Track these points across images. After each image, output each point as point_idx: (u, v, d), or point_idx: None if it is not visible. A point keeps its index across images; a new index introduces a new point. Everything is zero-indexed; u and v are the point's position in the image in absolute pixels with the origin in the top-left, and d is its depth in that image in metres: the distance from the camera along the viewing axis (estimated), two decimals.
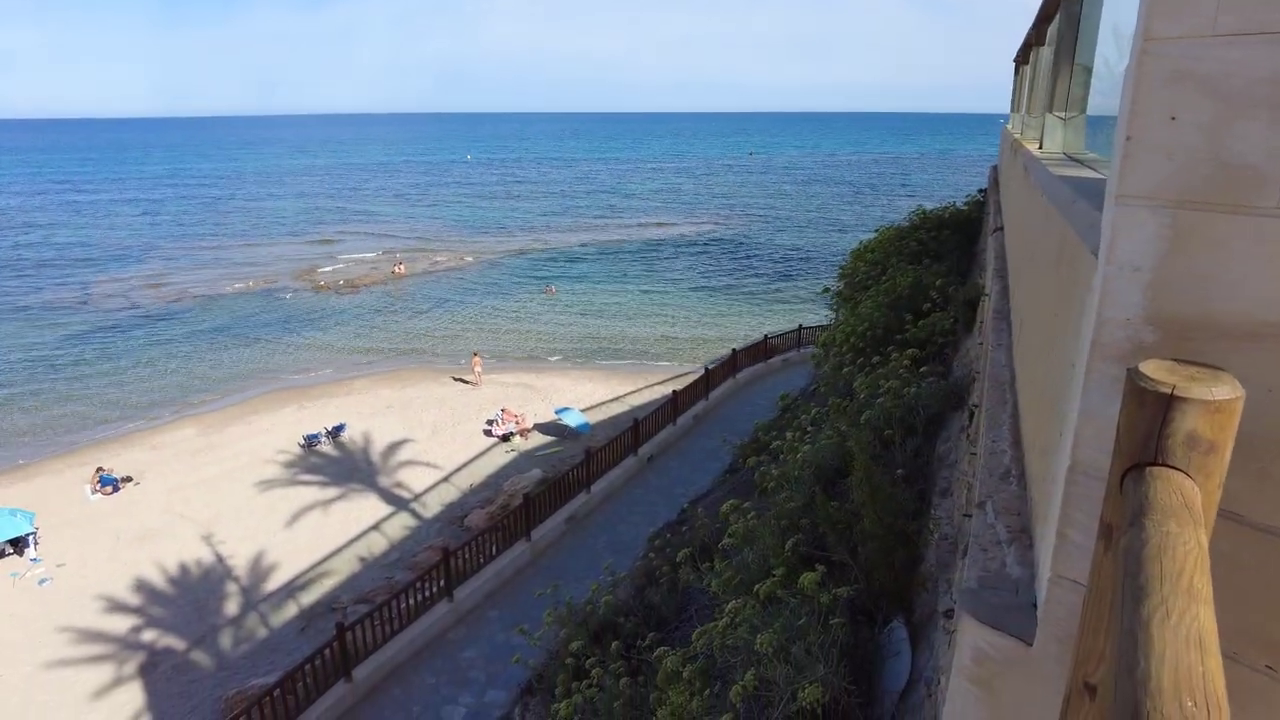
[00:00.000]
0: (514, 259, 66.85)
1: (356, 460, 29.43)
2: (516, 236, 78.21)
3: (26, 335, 46.83)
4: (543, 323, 47.99)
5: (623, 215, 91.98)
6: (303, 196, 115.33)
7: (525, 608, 15.10)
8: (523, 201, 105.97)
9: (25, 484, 28.35)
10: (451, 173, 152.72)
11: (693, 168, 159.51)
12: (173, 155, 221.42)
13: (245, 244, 76.01)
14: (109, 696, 17.98)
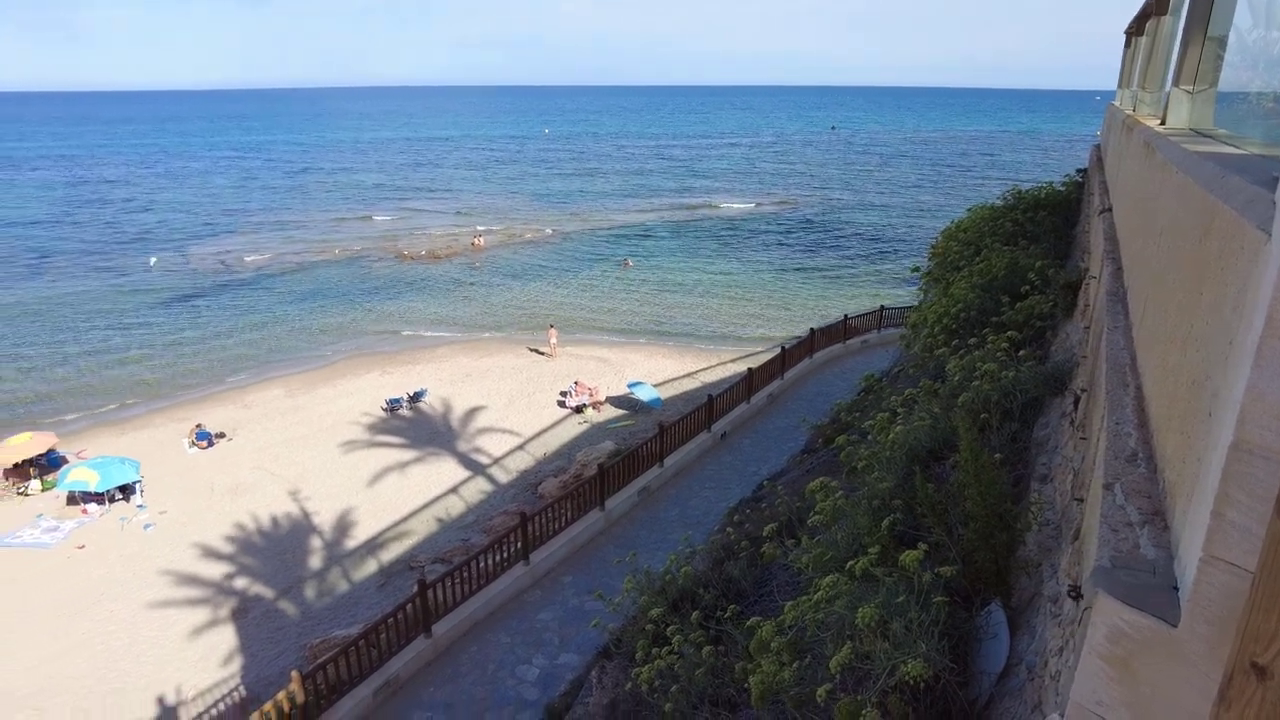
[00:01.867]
0: (590, 233, 67.20)
1: (436, 425, 30.29)
2: (593, 211, 78.50)
3: (129, 298, 49.52)
4: (618, 297, 48.23)
5: (699, 191, 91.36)
6: (383, 169, 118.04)
7: (598, 574, 15.40)
8: (599, 176, 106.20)
9: (132, 436, 30.13)
10: (529, 147, 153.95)
11: (770, 143, 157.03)
12: (258, 127, 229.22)
13: (331, 214, 78.40)
14: (204, 637, 19.12)
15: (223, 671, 17.87)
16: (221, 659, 18.33)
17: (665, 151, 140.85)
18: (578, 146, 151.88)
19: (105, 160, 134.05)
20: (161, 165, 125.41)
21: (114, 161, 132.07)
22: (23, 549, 23.03)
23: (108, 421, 32.29)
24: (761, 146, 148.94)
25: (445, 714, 12.13)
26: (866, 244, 61.43)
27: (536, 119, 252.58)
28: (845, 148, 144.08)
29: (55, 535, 23.69)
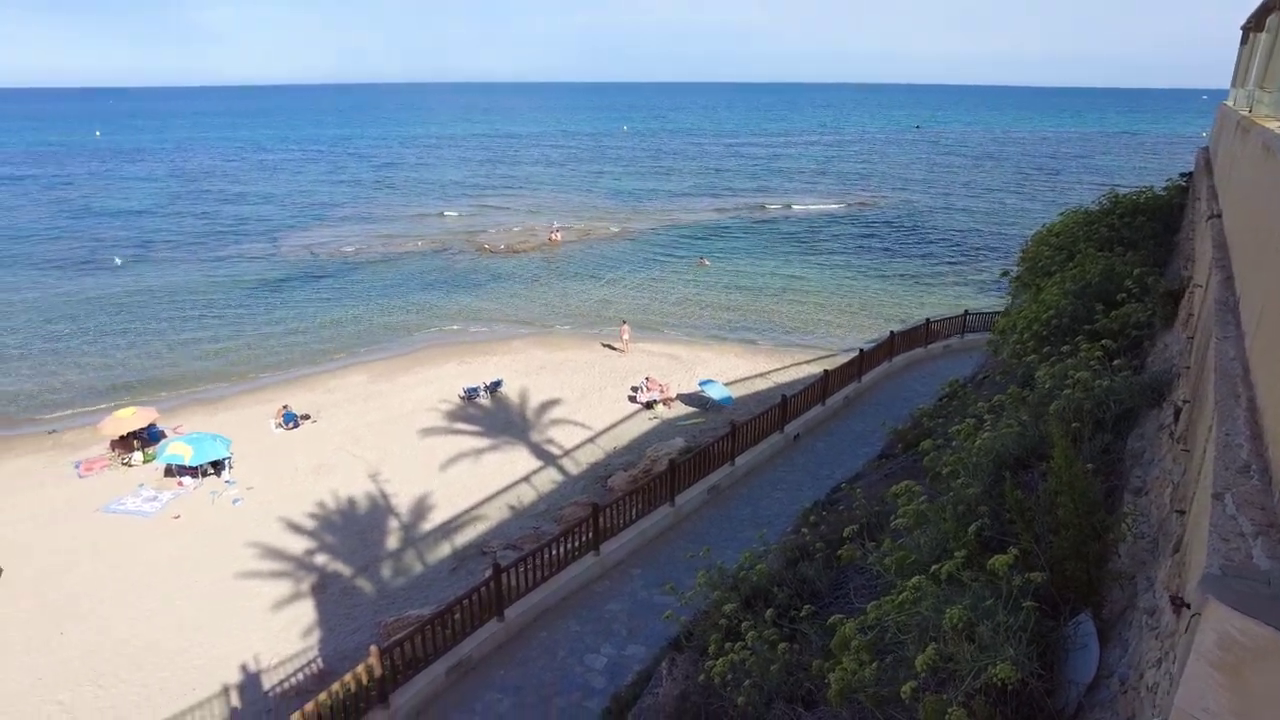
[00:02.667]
0: (666, 230, 67.33)
1: (511, 415, 30.90)
2: (670, 208, 78.60)
3: (224, 285, 51.96)
4: (692, 295, 48.22)
5: (777, 189, 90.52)
6: (464, 164, 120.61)
7: (667, 568, 15.50)
8: (675, 174, 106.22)
9: (224, 415, 31.65)
10: (607, 143, 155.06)
11: (851, 142, 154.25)
12: (346, 120, 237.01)
13: (413, 207, 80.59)
14: (286, 609, 19.98)
15: (302, 643, 18.63)
16: (301, 631, 19.12)
17: (743, 149, 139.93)
18: (655, 144, 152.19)
19: (203, 152, 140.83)
20: (255, 157, 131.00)
21: (211, 153, 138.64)
22: (125, 516, 24.49)
23: (202, 400, 34.00)
24: (842, 145, 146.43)
25: (514, 696, 12.42)
26: (949, 247, 59.79)
27: (615, 116, 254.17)
28: (930, 148, 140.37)
29: (154, 505, 25.10)
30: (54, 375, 37.00)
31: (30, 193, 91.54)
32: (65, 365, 38.11)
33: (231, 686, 17.14)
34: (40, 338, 41.79)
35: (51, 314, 45.63)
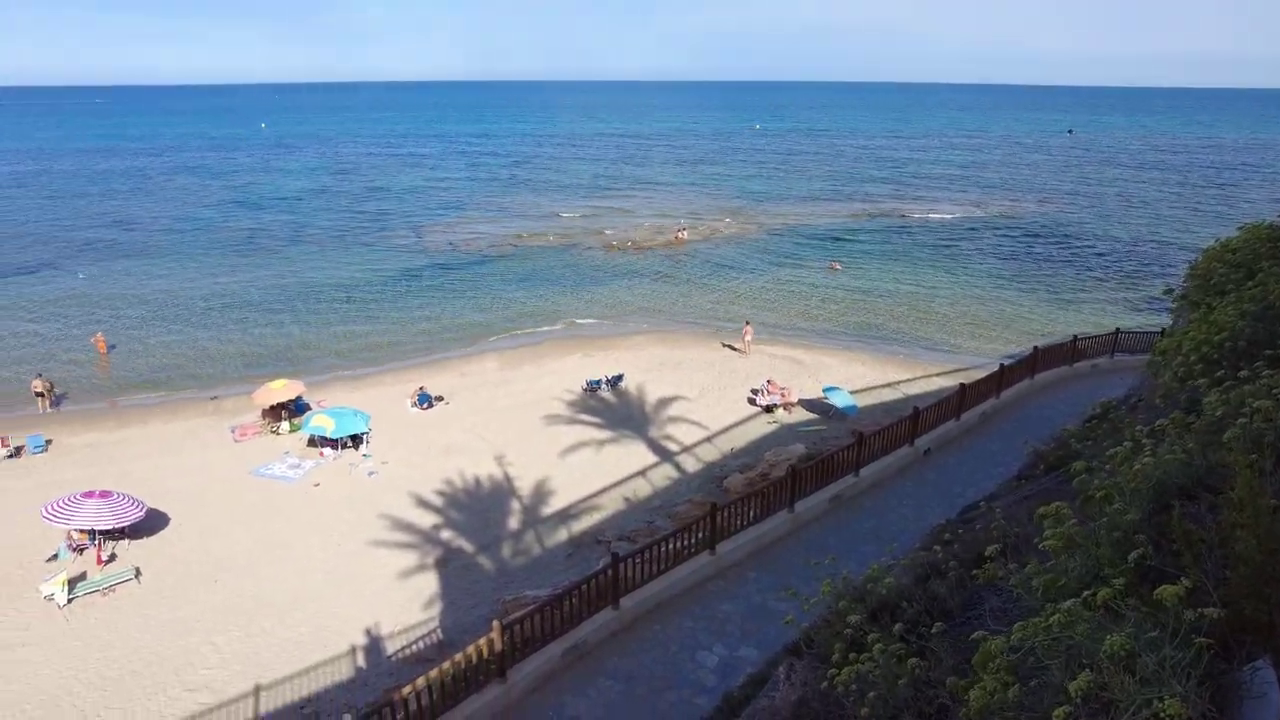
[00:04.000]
0: (796, 232, 66.31)
1: (630, 409, 31.31)
2: (800, 209, 77.36)
3: (369, 271, 55.10)
4: (820, 298, 47.31)
5: (915, 192, 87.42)
6: (597, 161, 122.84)
7: (783, 573, 15.32)
8: (808, 174, 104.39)
9: (364, 392, 33.57)
10: (738, 142, 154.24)
11: (995, 145, 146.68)
12: (485, 117, 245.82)
13: (546, 203, 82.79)
14: (412, 579, 21.02)
15: (424, 614, 19.55)
16: (424, 602, 20.07)
17: (879, 151, 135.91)
18: (787, 143, 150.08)
19: (352, 146, 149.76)
20: (399, 151, 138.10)
21: (360, 147, 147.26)
22: (272, 480, 26.44)
23: (345, 377, 36.21)
24: (986, 149, 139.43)
25: (626, 684, 12.60)
26: (1101, 261, 55.84)
27: (748, 115, 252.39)
28: (1083, 154, 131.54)
29: (297, 472, 26.97)
30: (217, 347, 40.40)
31: (204, 181, 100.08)
32: (226, 338, 41.51)
33: (358, 648, 18.22)
34: (206, 312, 45.72)
35: (216, 291, 49.80)
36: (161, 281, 51.95)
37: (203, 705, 16.28)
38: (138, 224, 70.75)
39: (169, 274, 53.84)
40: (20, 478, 26.52)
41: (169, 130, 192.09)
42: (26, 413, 32.29)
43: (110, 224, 70.86)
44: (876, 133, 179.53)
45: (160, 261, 57.28)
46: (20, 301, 47.43)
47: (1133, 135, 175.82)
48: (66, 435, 29.78)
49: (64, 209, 78.53)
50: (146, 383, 36.02)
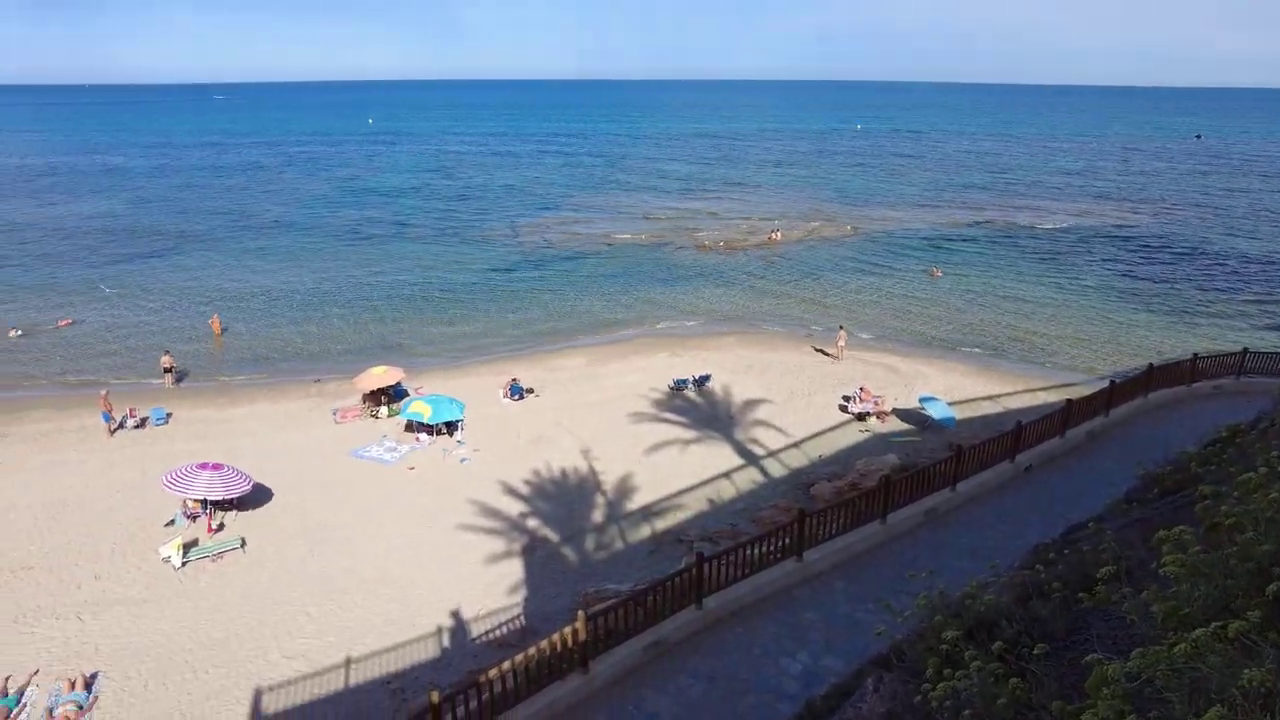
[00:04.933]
0: (895, 235, 64.57)
1: (716, 410, 31.14)
2: (900, 212, 75.29)
3: (466, 265, 56.61)
4: (919, 305, 45.92)
5: (1023, 198, 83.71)
6: (691, 160, 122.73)
7: (872, 585, 14.91)
8: (910, 176, 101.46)
9: (458, 381, 34.47)
10: (836, 142, 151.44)
11: (1112, 150, 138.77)
12: (584, 116, 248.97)
13: (640, 200, 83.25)
14: (497, 565, 21.46)
15: (507, 600, 19.94)
16: (508, 588, 20.46)
17: (987, 153, 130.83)
18: (890, 144, 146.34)
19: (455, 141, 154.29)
20: (499, 148, 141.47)
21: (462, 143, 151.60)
22: (369, 462, 27.46)
23: (441, 367, 37.29)
24: (1102, 154, 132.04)
25: (706, 684, 12.52)
26: (1228, 278, 52.01)
27: (850, 115, 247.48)
28: (1211, 160, 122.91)
29: (394, 455, 27.92)
30: (322, 332, 42.29)
31: (313, 174, 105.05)
32: (331, 324, 43.40)
33: (444, 628, 18.72)
34: (313, 299, 47.92)
35: (323, 279, 52.13)
36: (273, 268, 54.80)
37: (298, 672, 17.05)
38: (252, 214, 74.86)
39: (280, 261, 56.75)
40: (145, 446, 28.45)
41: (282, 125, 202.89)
42: (151, 387, 34.56)
43: (228, 213, 75.22)
44: (984, 135, 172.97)
45: (272, 249, 60.46)
46: (148, 284, 50.86)
47: (1271, 142, 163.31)
48: (184, 410, 31.73)
49: (190, 198, 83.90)
50: (256, 363, 38.05)
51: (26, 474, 26.36)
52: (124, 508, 24.03)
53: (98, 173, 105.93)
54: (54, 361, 37.87)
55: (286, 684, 16.71)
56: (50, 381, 35.66)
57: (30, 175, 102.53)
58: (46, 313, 44.71)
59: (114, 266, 55.00)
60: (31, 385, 35.21)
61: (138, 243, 62.54)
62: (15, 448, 28.27)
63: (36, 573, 20.74)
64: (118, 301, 47.03)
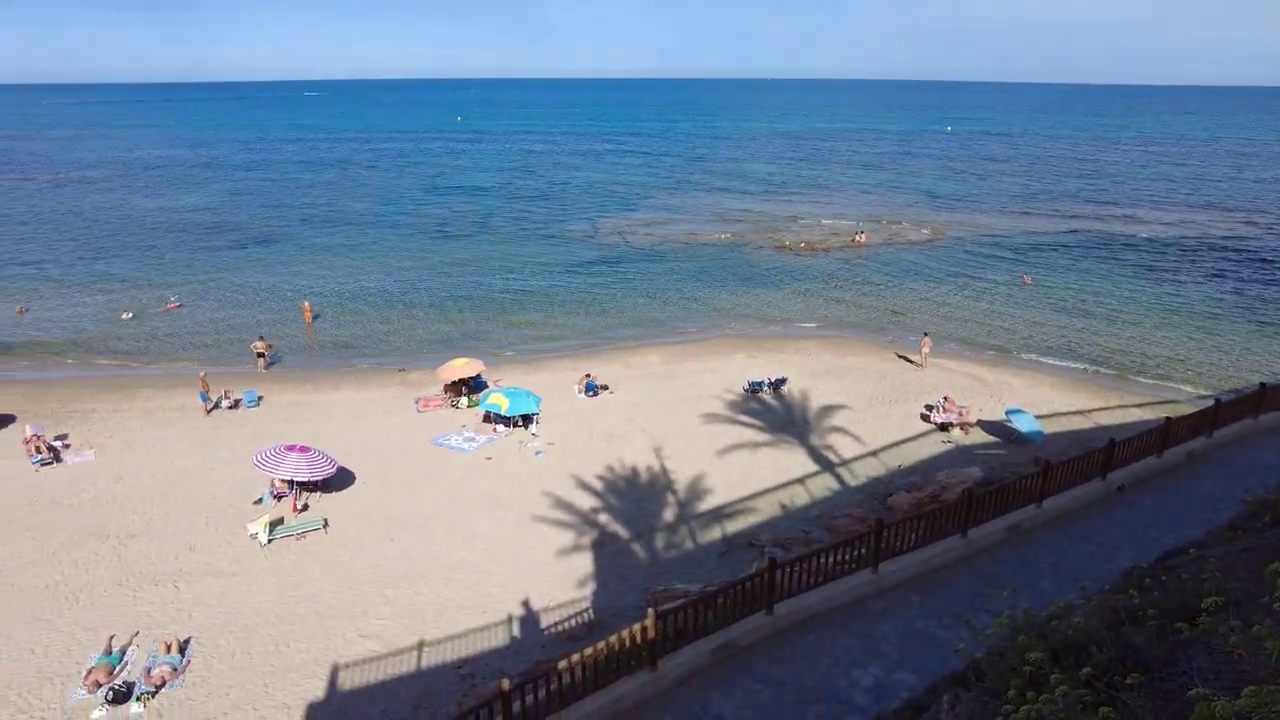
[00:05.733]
0: (984, 240, 62.45)
1: (791, 414, 30.72)
2: (990, 216, 72.78)
3: (547, 259, 57.40)
4: (1008, 313, 44.28)
5: (1122, 204, 79.69)
6: (775, 159, 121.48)
7: (950, 601, 14.46)
8: (1001, 179, 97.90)
9: (535, 375, 34.97)
10: (925, 144, 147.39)
11: (1223, 155, 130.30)
12: (666, 115, 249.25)
13: (720, 200, 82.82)
14: (568, 558, 21.67)
15: (576, 593, 20.11)
16: (577, 581, 20.63)
17: (1085, 157, 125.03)
18: (980, 147, 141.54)
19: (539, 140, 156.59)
20: (582, 146, 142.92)
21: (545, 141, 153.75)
22: (448, 450, 28.13)
23: (519, 360, 37.94)
24: (1212, 159, 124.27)
25: (774, 690, 12.35)
26: None
27: (939, 116, 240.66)
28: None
29: (472, 445, 28.51)
30: (407, 323, 43.59)
31: (403, 169, 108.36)
32: (416, 315, 44.68)
33: (513, 617, 19.02)
34: (399, 290, 49.42)
35: (409, 272, 53.69)
36: (362, 260, 56.76)
37: (372, 652, 17.59)
38: (344, 208, 77.80)
39: (368, 253, 58.75)
40: (238, 426, 29.84)
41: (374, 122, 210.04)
42: (245, 370, 36.23)
43: (321, 206, 78.40)
44: (1081, 137, 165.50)
45: (361, 242, 62.68)
46: (245, 272, 53.45)
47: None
48: (275, 393, 33.14)
49: (285, 192, 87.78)
50: (344, 351, 39.46)
51: (134, 448, 28.03)
52: (217, 484, 25.28)
53: (200, 166, 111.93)
54: (160, 343, 40.21)
55: (361, 662, 17.25)
56: (156, 362, 37.80)
57: (140, 168, 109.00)
58: (154, 295, 47.48)
59: (215, 255, 58.02)
60: (140, 365, 37.43)
61: (236, 233, 65.78)
62: (125, 423, 30.08)
63: (140, 541, 22.03)
64: (217, 288, 49.53)
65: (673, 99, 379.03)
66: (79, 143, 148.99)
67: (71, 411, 31.06)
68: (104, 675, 16.36)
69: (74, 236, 64.17)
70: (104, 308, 45.42)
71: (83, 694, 16.03)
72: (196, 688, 16.39)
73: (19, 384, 34.42)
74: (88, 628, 18.25)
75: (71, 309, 45.40)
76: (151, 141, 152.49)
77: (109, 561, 21.04)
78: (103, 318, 43.81)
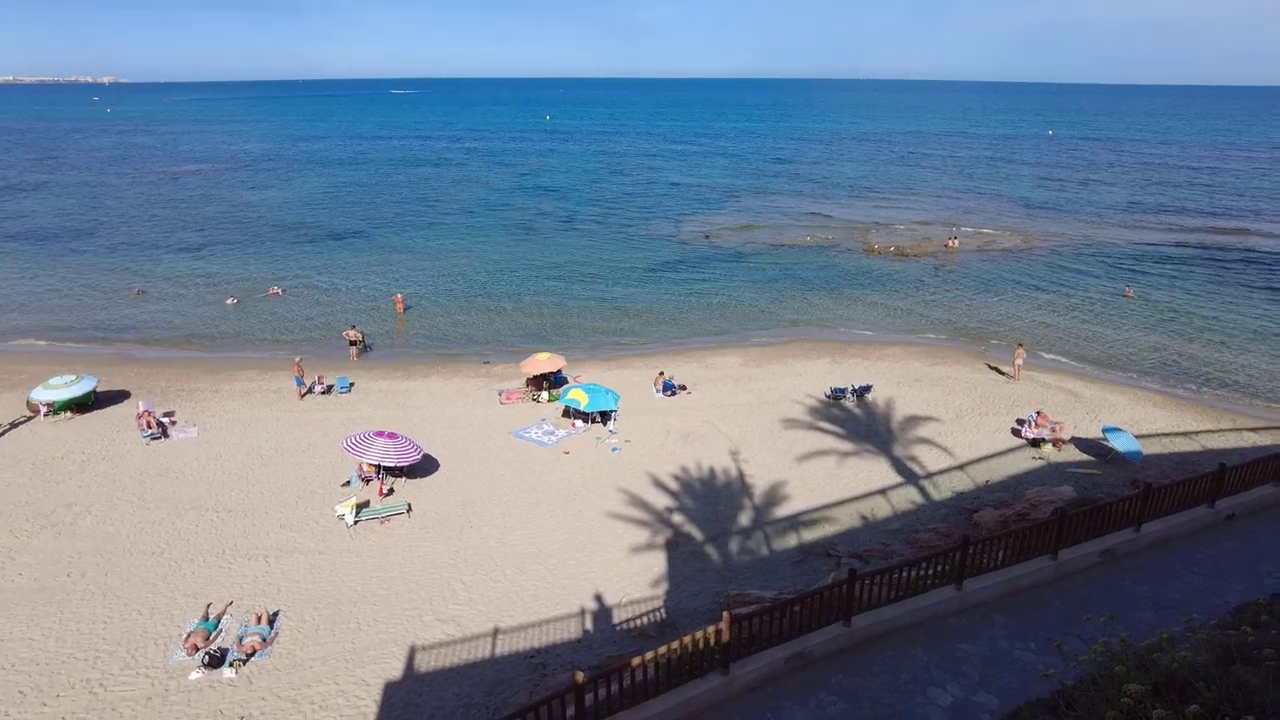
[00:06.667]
0: (1085, 250, 59.63)
1: (875, 423, 30.00)
2: (1092, 225, 69.43)
3: (629, 257, 57.69)
4: (1108, 327, 42.16)
5: (1239, 215, 74.74)
6: (865, 161, 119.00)
7: (1037, 623, 13.85)
8: (1103, 186, 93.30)
9: (614, 373, 35.19)
10: (1025, 148, 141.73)
11: None
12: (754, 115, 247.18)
13: (808, 202, 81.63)
14: (641, 555, 21.69)
15: (649, 591, 20.09)
16: (650, 580, 20.62)
17: (1198, 164, 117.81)
18: (1082, 152, 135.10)
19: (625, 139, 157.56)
20: (669, 147, 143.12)
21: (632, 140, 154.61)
22: (528, 443, 28.56)
23: (599, 357, 38.27)
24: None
25: (848, 703, 12.07)
26: None
27: (1042, 119, 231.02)
28: None
29: (551, 438, 28.89)
30: (492, 316, 44.51)
31: (493, 167, 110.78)
32: (501, 310, 45.60)
33: (586, 611, 19.14)
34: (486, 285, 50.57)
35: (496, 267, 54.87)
36: (452, 254, 58.32)
37: (449, 636, 18.00)
38: (436, 203, 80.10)
39: (458, 248, 60.32)
40: (329, 411, 31.04)
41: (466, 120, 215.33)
42: (338, 357, 37.68)
43: (414, 201, 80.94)
44: (1194, 143, 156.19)
45: (452, 237, 64.44)
46: (341, 262, 55.60)
47: None
48: (366, 380, 34.34)
49: (381, 186, 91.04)
50: (432, 342, 40.59)
51: (232, 428, 29.49)
52: (308, 465, 26.35)
53: (301, 161, 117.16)
54: (260, 328, 42.22)
55: (437, 645, 17.67)
56: (256, 346, 39.70)
57: (245, 162, 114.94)
58: (257, 282, 49.91)
59: (313, 245, 60.62)
60: (242, 348, 39.39)
61: (333, 225, 68.56)
62: (225, 403, 31.68)
63: (235, 515, 23.16)
64: (315, 277, 51.68)
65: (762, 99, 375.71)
66: (191, 137, 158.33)
67: (178, 390, 32.92)
68: (201, 640, 17.27)
69: (185, 225, 68.17)
70: (211, 293, 48.04)
71: (182, 656, 16.95)
72: (283, 659, 17.11)
73: (134, 362, 36.67)
74: (187, 594, 19.31)
75: (181, 293, 48.19)
76: (256, 136, 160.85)
77: (207, 533, 22.20)
78: (209, 301, 46.38)
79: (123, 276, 51.41)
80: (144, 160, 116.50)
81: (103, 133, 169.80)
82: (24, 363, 36.18)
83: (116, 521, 22.74)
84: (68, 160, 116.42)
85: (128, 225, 67.78)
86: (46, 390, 29.65)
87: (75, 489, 24.63)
